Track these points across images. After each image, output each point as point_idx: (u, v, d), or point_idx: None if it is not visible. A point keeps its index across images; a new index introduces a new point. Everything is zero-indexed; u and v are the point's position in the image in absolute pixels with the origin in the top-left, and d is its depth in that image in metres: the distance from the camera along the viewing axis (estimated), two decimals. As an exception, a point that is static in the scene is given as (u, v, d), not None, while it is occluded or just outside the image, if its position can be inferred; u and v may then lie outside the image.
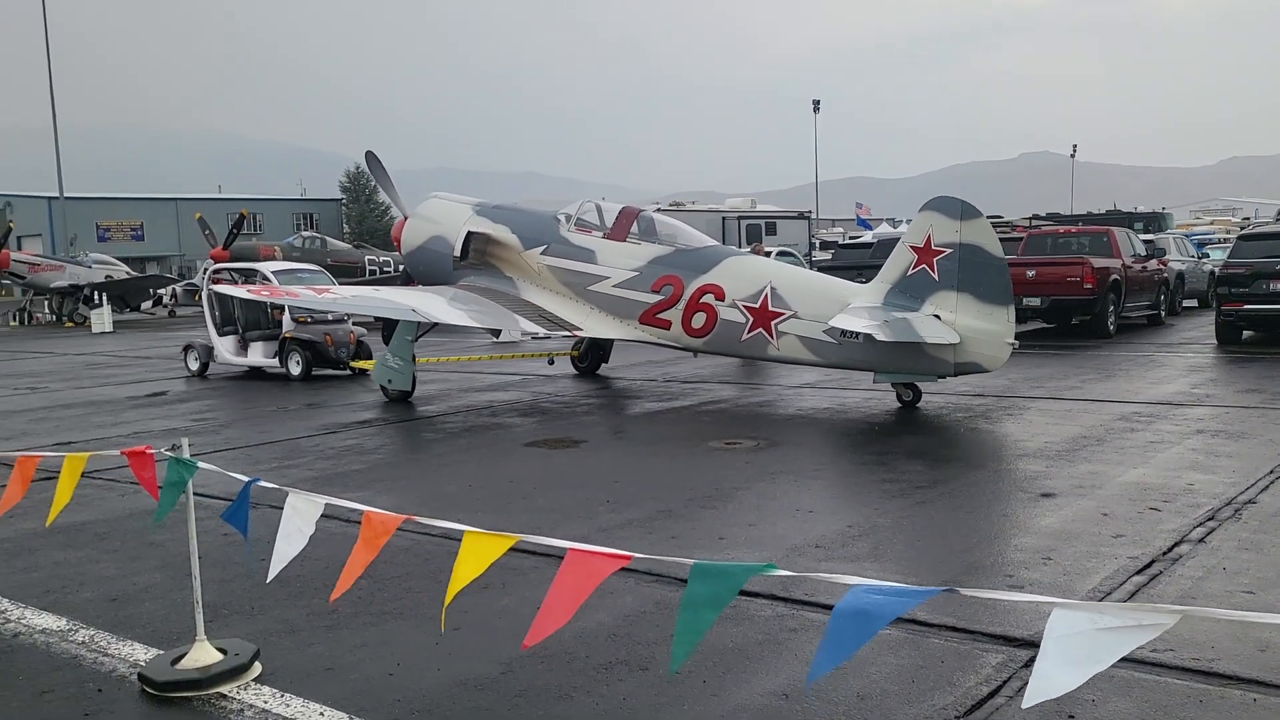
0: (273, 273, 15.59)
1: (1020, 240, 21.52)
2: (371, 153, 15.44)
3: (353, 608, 4.87)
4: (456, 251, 12.90)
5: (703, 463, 8.41)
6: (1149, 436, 8.84)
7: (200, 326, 16.36)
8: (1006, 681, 3.94)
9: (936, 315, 9.75)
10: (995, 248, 9.81)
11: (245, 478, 4.00)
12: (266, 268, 16.02)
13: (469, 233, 12.85)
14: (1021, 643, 4.27)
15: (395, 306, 11.47)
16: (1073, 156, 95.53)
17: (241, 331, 15.76)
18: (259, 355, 15.55)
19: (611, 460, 8.80)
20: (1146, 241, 21.59)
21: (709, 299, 11.13)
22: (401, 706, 3.88)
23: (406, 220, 14.14)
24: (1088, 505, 6.57)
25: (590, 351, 14.57)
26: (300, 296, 12.16)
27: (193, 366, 16.12)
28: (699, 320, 11.23)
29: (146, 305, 33.30)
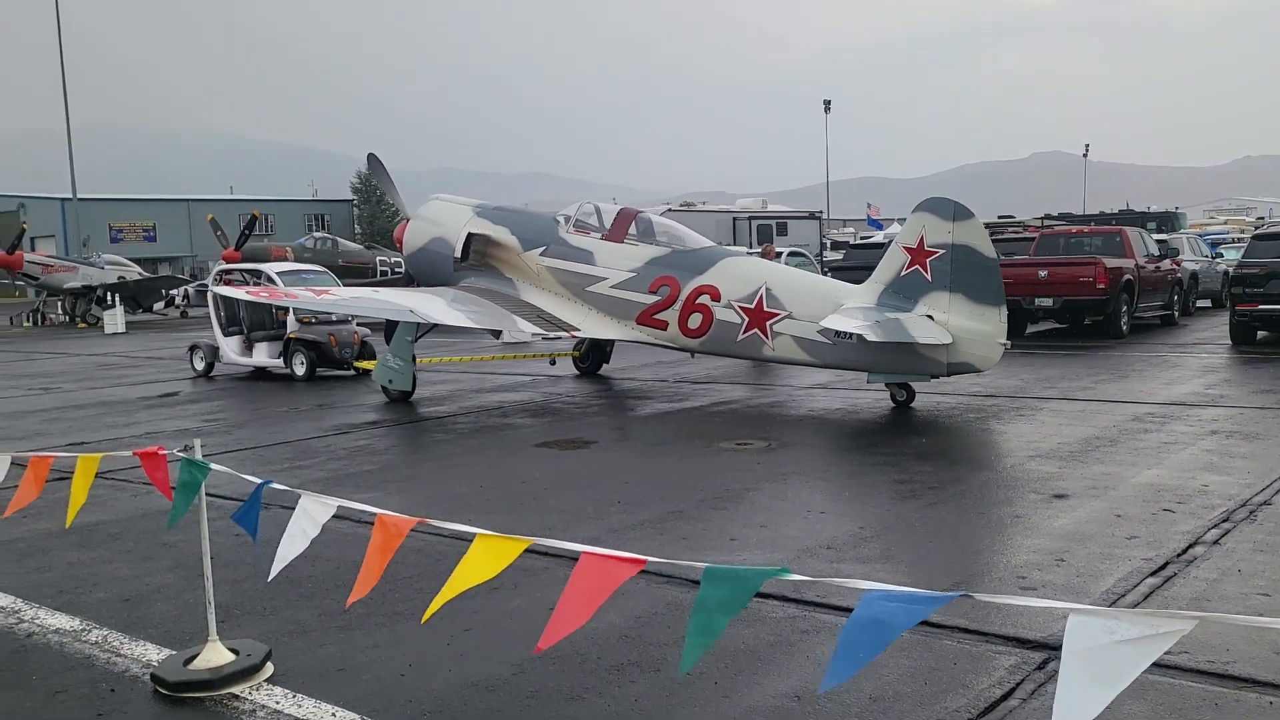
0: (277, 274, 15.68)
1: (1032, 240, 21.43)
2: (373, 155, 15.56)
3: (364, 608, 4.86)
4: (457, 253, 12.95)
5: (714, 463, 8.40)
6: (1163, 437, 8.79)
7: (210, 327, 16.47)
8: (1020, 684, 3.91)
9: (930, 316, 9.79)
10: (987, 248, 9.89)
11: (257, 479, 4.01)
12: (271, 268, 16.13)
13: (469, 234, 12.91)
14: (1035, 644, 4.25)
15: (393, 307, 11.51)
16: (1085, 156, 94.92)
17: (246, 332, 15.84)
18: (264, 355, 15.63)
19: (622, 461, 8.79)
20: (1160, 241, 21.47)
21: (705, 299, 11.17)
22: (413, 707, 3.88)
23: (408, 222, 14.23)
24: (1101, 506, 6.54)
25: (591, 352, 14.62)
26: (299, 298, 12.22)
27: (198, 366, 16.21)
28: (695, 321, 11.26)
29: (159, 306, 33.41)
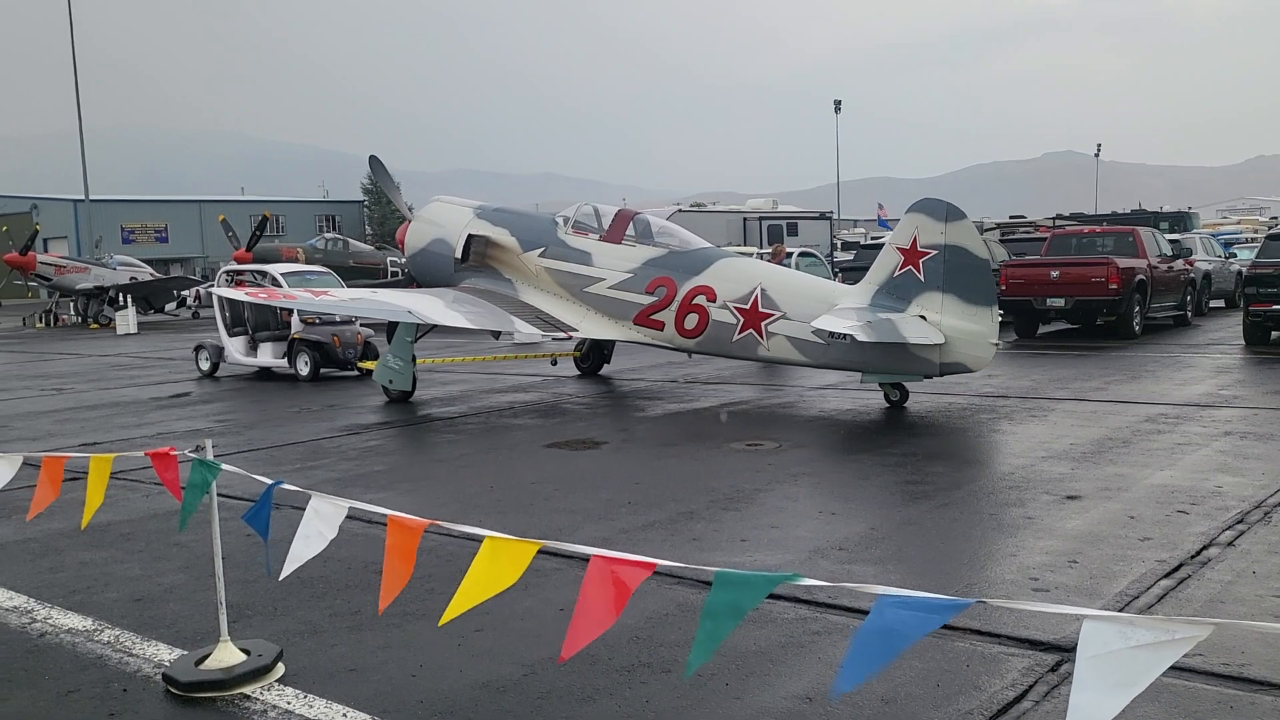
0: (282, 275, 15.84)
1: (1044, 240, 21.35)
2: (375, 157, 15.68)
3: (375, 609, 4.87)
4: (457, 254, 13.01)
5: (724, 464, 8.39)
6: (1176, 438, 8.75)
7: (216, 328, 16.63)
8: (1033, 686, 3.90)
9: (922, 316, 9.81)
10: (980, 249, 9.97)
11: (268, 480, 4.01)
12: (276, 269, 16.26)
13: (470, 235, 12.97)
14: (1047, 647, 4.23)
15: (393, 308, 11.56)
16: (1097, 156, 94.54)
17: (251, 332, 15.94)
18: (268, 356, 15.73)
19: (632, 462, 8.79)
20: (1172, 241, 21.37)
21: (701, 300, 11.20)
22: (424, 708, 3.88)
23: (410, 223, 14.29)
24: (1114, 508, 6.51)
25: (592, 352, 14.67)
26: (297, 299, 12.26)
27: (203, 367, 16.31)
28: (691, 321, 11.28)
29: (170, 307, 33.54)
